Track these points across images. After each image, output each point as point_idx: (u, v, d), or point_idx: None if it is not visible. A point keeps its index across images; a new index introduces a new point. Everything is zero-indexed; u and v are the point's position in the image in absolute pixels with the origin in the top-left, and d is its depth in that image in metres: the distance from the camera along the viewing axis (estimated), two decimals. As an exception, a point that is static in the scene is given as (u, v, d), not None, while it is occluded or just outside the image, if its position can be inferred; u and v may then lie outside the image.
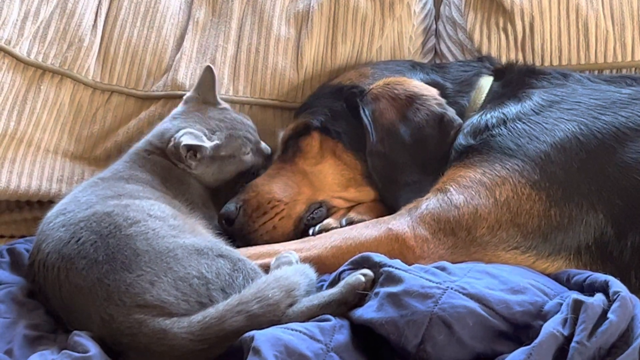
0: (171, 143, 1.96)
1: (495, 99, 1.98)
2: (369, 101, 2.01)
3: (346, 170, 2.01)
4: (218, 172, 2.01)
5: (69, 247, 1.62)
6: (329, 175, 2.01)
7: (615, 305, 1.35)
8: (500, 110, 1.88)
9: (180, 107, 2.09)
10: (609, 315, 1.33)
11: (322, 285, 1.62)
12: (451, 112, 1.96)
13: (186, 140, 1.92)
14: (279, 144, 2.12)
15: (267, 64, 2.27)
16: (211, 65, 2.12)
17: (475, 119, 1.90)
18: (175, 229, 1.67)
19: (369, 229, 1.77)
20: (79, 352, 1.47)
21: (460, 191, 1.74)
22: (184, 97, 2.11)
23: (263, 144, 2.11)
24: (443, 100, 1.99)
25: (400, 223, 1.75)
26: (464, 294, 1.42)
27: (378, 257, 1.55)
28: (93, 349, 1.48)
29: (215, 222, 1.95)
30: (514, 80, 2.02)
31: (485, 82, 2.07)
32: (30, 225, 2.16)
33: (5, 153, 2.13)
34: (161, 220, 1.68)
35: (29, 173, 2.15)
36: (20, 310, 1.68)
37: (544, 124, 1.78)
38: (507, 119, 1.84)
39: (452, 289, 1.43)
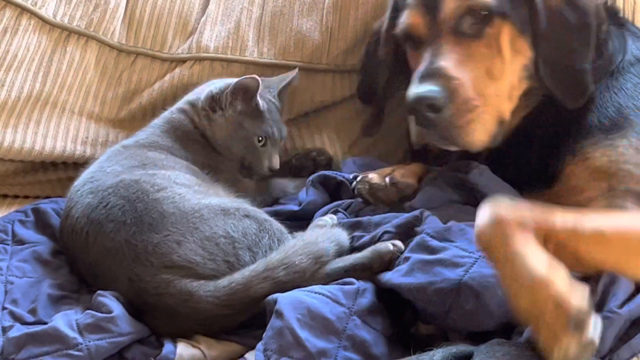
0: (215, 86, 1.95)
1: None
2: None
3: (519, 57, 1.75)
4: (227, 137, 1.95)
5: (97, 212, 1.64)
6: (507, 65, 1.73)
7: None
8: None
9: None
10: None
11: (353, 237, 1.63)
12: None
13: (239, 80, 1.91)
14: (444, 22, 1.76)
15: (291, 25, 2.25)
16: (297, 68, 2.11)
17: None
18: (200, 194, 1.68)
19: None
20: (102, 312, 1.49)
21: None
22: None
23: (276, 157, 2.02)
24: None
25: None
26: (496, 264, 1.41)
27: (421, 227, 1.55)
28: (117, 309, 1.49)
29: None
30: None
31: None
32: (55, 186, 2.18)
33: (31, 114, 2.14)
34: (187, 187, 1.69)
35: (54, 134, 2.15)
36: (44, 270, 1.69)
37: None
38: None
39: (483, 258, 1.41)
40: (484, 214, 1.33)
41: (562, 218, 1.34)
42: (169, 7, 2.28)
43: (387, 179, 1.80)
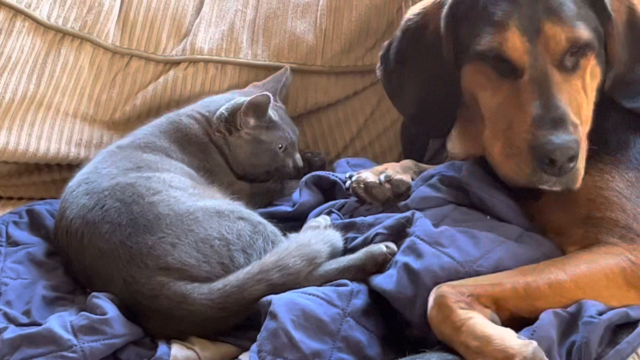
0: (224, 107, 1.96)
1: None
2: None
3: (595, 83, 1.70)
4: (250, 155, 1.98)
5: (93, 213, 1.64)
6: (589, 94, 1.68)
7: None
8: None
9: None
10: None
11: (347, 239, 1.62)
12: None
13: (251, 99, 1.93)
14: (550, 53, 1.63)
15: (285, 27, 2.26)
16: (290, 69, 2.15)
17: None
18: (195, 196, 1.68)
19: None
20: (97, 314, 1.49)
21: None
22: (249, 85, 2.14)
23: (298, 156, 2.06)
24: None
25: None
26: (484, 276, 1.42)
27: (412, 229, 1.54)
28: (111, 311, 1.49)
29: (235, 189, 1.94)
30: None
31: None
32: (49, 187, 2.18)
33: (25, 116, 2.13)
34: (182, 190, 1.70)
35: (48, 136, 2.15)
36: (38, 271, 1.69)
37: None
38: None
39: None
40: (430, 298, 1.39)
41: (512, 281, 1.42)
42: (163, 8, 2.28)
43: (382, 177, 1.77)
